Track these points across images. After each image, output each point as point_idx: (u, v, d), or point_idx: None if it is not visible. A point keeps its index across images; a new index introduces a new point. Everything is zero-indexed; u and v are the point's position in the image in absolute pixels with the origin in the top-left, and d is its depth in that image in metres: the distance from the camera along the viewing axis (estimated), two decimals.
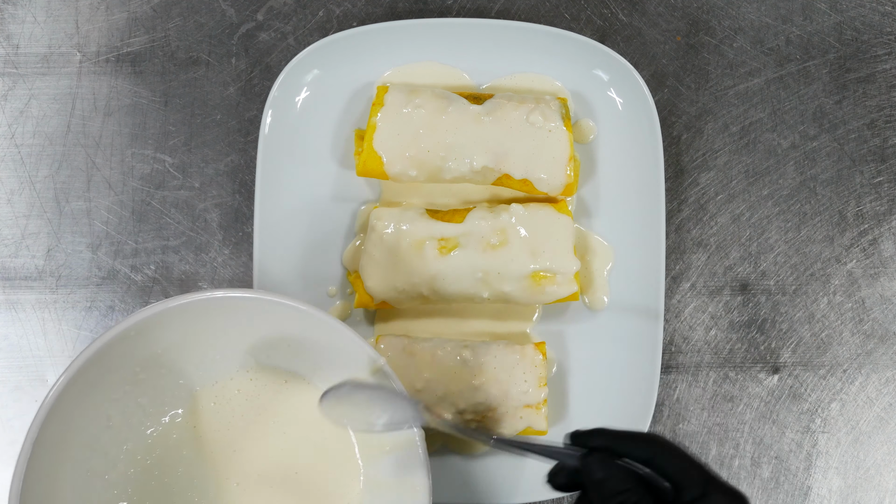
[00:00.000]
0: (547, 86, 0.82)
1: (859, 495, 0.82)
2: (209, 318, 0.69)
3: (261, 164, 0.80)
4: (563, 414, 0.80)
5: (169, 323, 0.68)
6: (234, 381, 0.74)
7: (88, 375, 0.66)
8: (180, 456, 0.73)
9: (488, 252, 0.77)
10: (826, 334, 0.83)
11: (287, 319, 0.69)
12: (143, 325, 0.67)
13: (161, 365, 0.71)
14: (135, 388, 0.71)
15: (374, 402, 0.66)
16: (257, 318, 0.69)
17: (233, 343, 0.72)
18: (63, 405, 0.65)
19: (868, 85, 0.85)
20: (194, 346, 0.71)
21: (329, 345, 0.69)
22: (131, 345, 0.68)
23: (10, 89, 0.84)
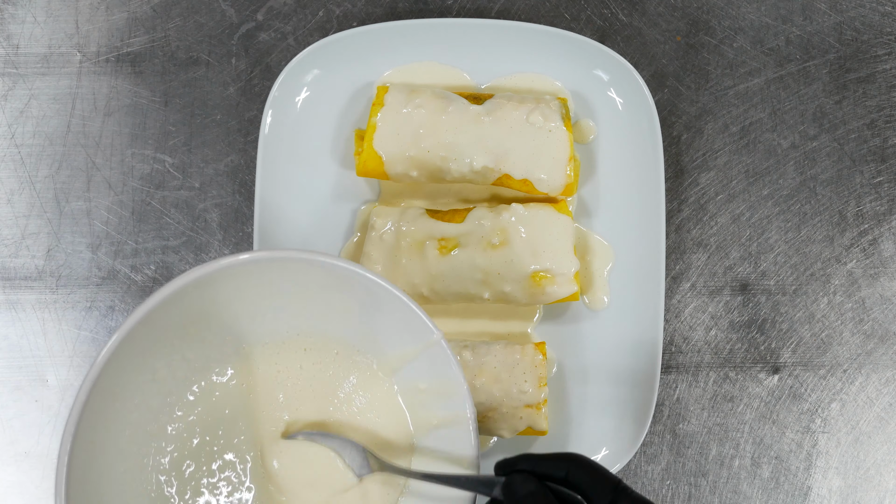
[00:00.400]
0: (547, 86, 0.82)
1: (859, 495, 0.82)
2: (265, 277, 0.68)
3: (261, 164, 0.80)
4: (563, 414, 0.80)
5: (227, 280, 0.67)
6: (287, 346, 0.73)
7: (140, 332, 0.65)
8: (222, 416, 0.72)
9: (488, 252, 0.77)
10: (826, 334, 0.83)
11: (349, 287, 0.68)
12: (202, 281, 0.65)
13: (211, 320, 0.70)
14: (183, 343, 0.70)
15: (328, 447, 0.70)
16: (317, 283, 0.68)
17: (289, 306, 0.71)
18: (114, 365, 0.64)
19: (868, 85, 0.85)
20: (248, 304, 0.70)
21: (389, 316, 0.68)
22: (187, 300, 0.66)
23: (10, 89, 0.84)
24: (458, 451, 0.68)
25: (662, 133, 0.82)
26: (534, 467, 0.61)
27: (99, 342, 0.83)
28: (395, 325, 0.69)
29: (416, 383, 0.71)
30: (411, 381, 0.71)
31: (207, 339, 0.71)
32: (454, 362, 0.67)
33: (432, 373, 0.69)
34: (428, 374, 0.69)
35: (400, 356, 0.71)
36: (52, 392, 0.83)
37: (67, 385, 0.83)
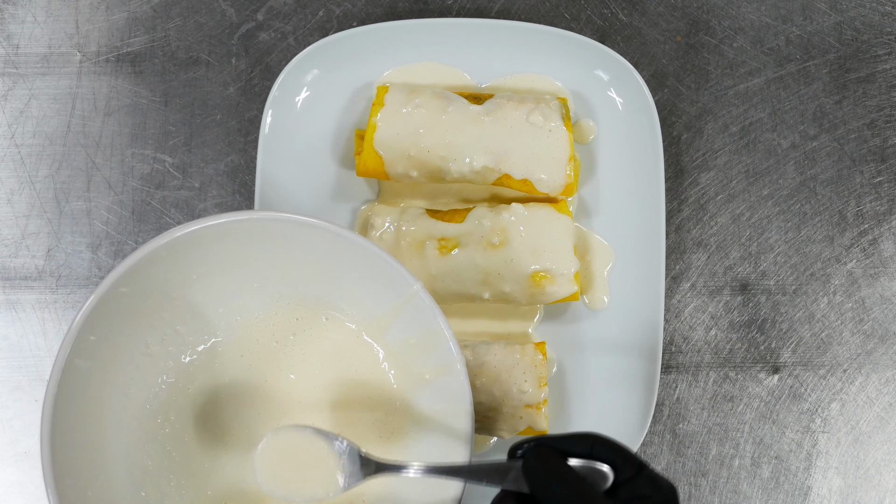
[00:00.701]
0: (547, 86, 0.82)
1: (859, 495, 0.82)
2: (242, 242, 0.68)
3: (261, 164, 0.80)
4: (564, 414, 0.80)
5: (201, 245, 0.66)
6: (276, 313, 0.73)
7: (121, 298, 0.65)
8: (223, 384, 0.72)
9: (488, 252, 0.77)
10: (826, 334, 0.83)
11: (323, 245, 0.67)
12: (173, 246, 0.65)
13: (198, 292, 0.70)
14: (172, 316, 0.70)
15: None
16: (294, 244, 0.68)
17: (271, 271, 0.71)
18: (95, 327, 0.64)
19: (868, 85, 0.85)
20: (232, 273, 0.70)
21: (366, 271, 0.68)
22: (164, 267, 0.66)
23: (10, 89, 0.84)
24: (452, 403, 0.67)
25: (662, 133, 0.82)
26: (556, 445, 0.59)
27: None
28: (377, 282, 0.69)
29: (406, 339, 0.71)
30: (400, 338, 0.71)
31: (198, 313, 0.71)
32: (436, 311, 0.67)
33: (417, 326, 0.69)
34: (414, 328, 0.69)
35: (387, 314, 0.71)
36: None
37: None
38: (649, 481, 0.58)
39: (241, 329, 0.73)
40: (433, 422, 0.70)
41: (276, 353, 0.73)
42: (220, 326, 0.73)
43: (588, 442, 0.59)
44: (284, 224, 0.66)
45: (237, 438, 0.72)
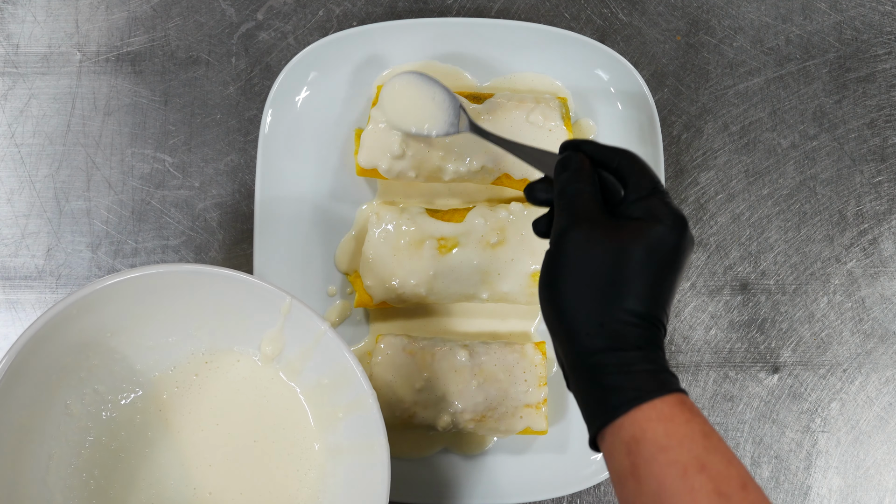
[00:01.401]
0: (547, 85, 0.82)
1: (859, 495, 0.82)
2: (149, 296, 0.69)
3: (261, 164, 0.80)
4: (563, 414, 0.80)
5: (109, 304, 0.68)
6: (190, 365, 0.74)
7: (35, 359, 0.66)
8: (145, 438, 0.73)
9: (488, 251, 0.77)
10: (826, 334, 0.83)
11: (230, 293, 0.69)
12: (82, 305, 0.66)
13: (113, 350, 0.71)
14: (90, 375, 0.71)
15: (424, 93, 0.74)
16: (199, 294, 0.70)
17: (179, 323, 0.72)
18: (10, 392, 0.65)
19: (868, 84, 0.85)
20: (141, 328, 0.71)
21: (247, 301, 0.70)
22: (75, 327, 0.67)
23: (10, 89, 0.84)
24: (368, 437, 0.68)
25: (662, 132, 0.82)
26: (592, 152, 0.62)
27: None
28: (289, 325, 0.70)
29: (319, 379, 0.72)
30: (314, 378, 0.72)
31: (115, 370, 0.72)
32: (345, 349, 0.68)
33: (328, 365, 0.70)
34: (326, 368, 0.70)
35: (299, 355, 0.72)
36: None
37: None
38: (660, 203, 0.58)
39: (160, 382, 0.74)
40: (350, 455, 0.71)
41: (197, 401, 0.74)
42: (139, 382, 0.73)
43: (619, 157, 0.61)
44: (182, 275, 0.68)
45: (162, 490, 0.73)
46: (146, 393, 0.74)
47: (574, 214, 0.58)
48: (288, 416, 0.74)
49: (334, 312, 0.81)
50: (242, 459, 0.73)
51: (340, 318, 0.81)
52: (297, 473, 0.73)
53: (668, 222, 0.57)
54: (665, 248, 0.57)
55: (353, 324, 0.81)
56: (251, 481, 0.73)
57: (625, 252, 0.56)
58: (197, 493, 0.73)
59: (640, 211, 0.58)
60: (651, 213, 0.58)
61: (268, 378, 0.74)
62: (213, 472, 0.73)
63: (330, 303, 0.81)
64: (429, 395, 0.76)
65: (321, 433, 0.73)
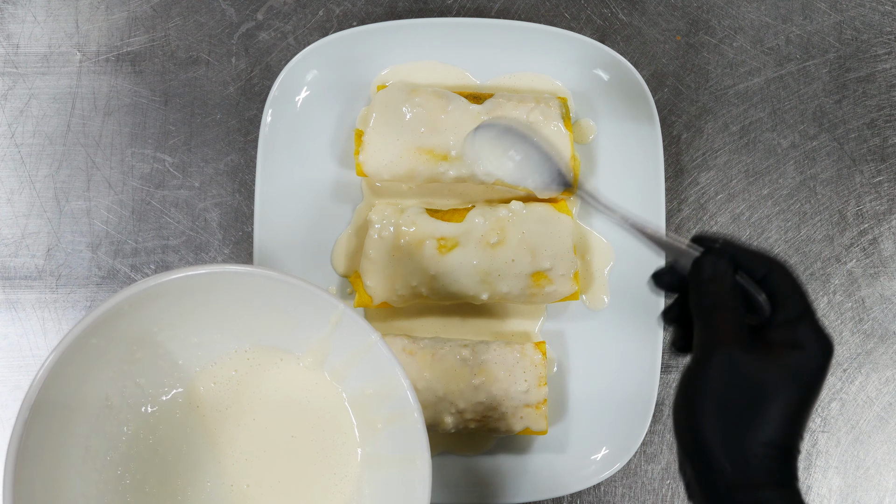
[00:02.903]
0: (547, 85, 0.82)
1: (859, 494, 0.82)
2: (201, 294, 0.69)
3: (261, 164, 0.80)
4: (563, 414, 0.80)
5: (159, 300, 0.67)
6: (232, 361, 0.74)
7: (83, 351, 0.66)
8: (183, 434, 0.73)
9: (488, 252, 0.77)
10: None
11: (282, 296, 0.69)
12: (134, 301, 0.66)
13: (158, 344, 0.71)
14: (132, 368, 0.71)
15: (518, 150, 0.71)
16: (252, 294, 0.69)
17: (225, 321, 0.72)
18: (57, 382, 0.65)
19: (868, 84, 0.85)
20: (188, 324, 0.71)
21: (298, 306, 0.69)
22: (125, 321, 0.67)
23: (10, 89, 0.84)
24: (409, 450, 0.67)
25: (662, 132, 0.82)
26: (734, 254, 0.58)
27: None
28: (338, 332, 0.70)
29: (363, 388, 0.71)
30: (357, 386, 0.72)
31: (159, 365, 0.72)
32: (394, 361, 0.67)
33: (375, 375, 0.69)
34: (371, 378, 0.70)
35: (345, 361, 0.71)
36: None
37: None
38: (809, 330, 0.55)
39: (202, 379, 0.73)
40: (390, 466, 0.70)
41: (236, 397, 0.73)
42: (180, 378, 0.73)
43: (766, 266, 0.57)
44: (241, 276, 0.68)
45: (198, 489, 0.72)
46: (187, 388, 0.73)
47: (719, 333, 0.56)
48: (329, 419, 0.73)
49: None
50: (279, 453, 0.72)
51: None
52: (333, 476, 0.72)
53: (819, 352, 0.55)
54: (812, 378, 0.55)
55: None
56: (287, 475, 0.72)
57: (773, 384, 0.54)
58: (234, 490, 0.72)
59: (789, 336, 0.56)
60: (801, 340, 0.56)
61: (311, 380, 0.73)
62: (249, 465, 0.72)
63: None
64: (429, 395, 0.76)
65: (361, 440, 0.73)
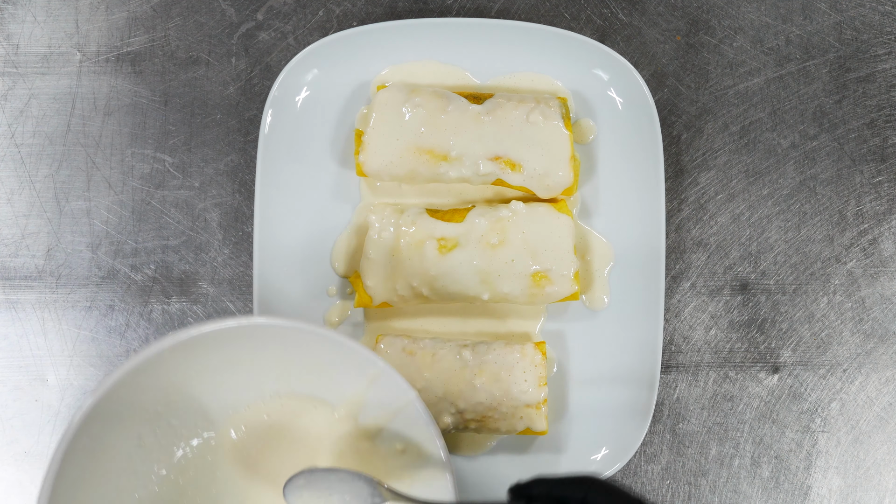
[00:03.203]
0: (547, 85, 0.82)
1: (859, 495, 0.82)
2: (241, 344, 0.69)
3: (261, 164, 0.80)
4: (563, 414, 0.80)
5: (200, 348, 0.68)
6: (266, 406, 0.74)
7: (120, 394, 0.66)
8: (213, 477, 0.73)
9: (488, 252, 0.77)
10: (826, 334, 0.83)
11: (321, 350, 0.69)
12: (176, 348, 0.67)
13: (193, 388, 0.71)
14: (167, 409, 0.71)
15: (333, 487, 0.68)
16: (291, 347, 0.70)
17: (262, 368, 0.72)
18: (92, 424, 0.65)
19: (868, 84, 0.85)
20: (225, 370, 0.71)
21: (336, 360, 0.69)
22: (165, 367, 0.68)
23: (9, 89, 0.84)
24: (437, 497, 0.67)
25: (662, 132, 0.82)
26: (550, 491, 0.59)
27: (99, 342, 0.83)
28: (375, 388, 0.70)
29: (395, 444, 0.71)
30: (388, 442, 0.72)
31: (193, 408, 0.72)
32: (429, 422, 0.67)
33: (409, 432, 0.69)
34: (405, 434, 0.70)
35: (380, 418, 0.71)
36: (51, 391, 0.83)
37: (67, 385, 0.83)
38: None
39: (234, 422, 0.73)
40: None
41: (269, 445, 0.73)
42: (213, 421, 0.73)
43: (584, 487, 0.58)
44: (282, 330, 0.68)
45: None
46: (219, 432, 0.73)
47: None
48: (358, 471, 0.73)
49: (334, 313, 0.81)
50: None
51: (340, 318, 0.81)
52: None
53: None
54: None
55: (352, 324, 0.81)
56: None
57: None
58: None
59: None
60: None
61: (343, 431, 0.73)
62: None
63: (330, 303, 0.81)
64: (429, 395, 0.76)
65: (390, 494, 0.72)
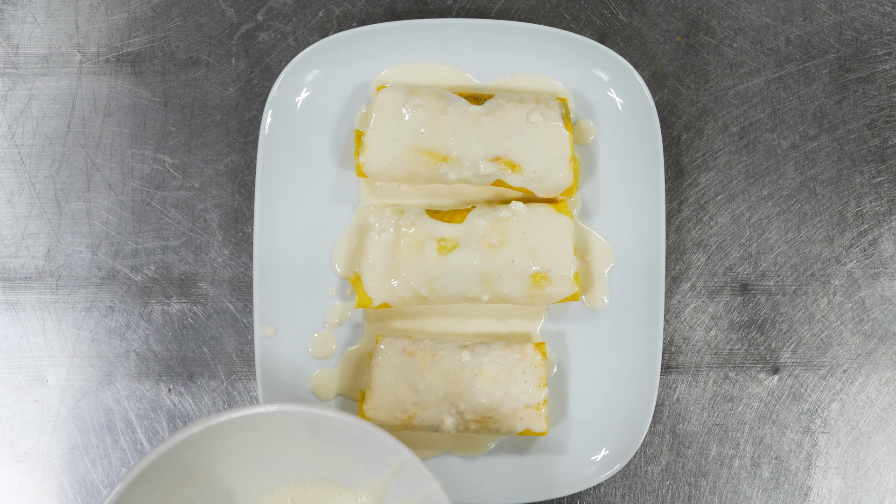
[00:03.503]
0: (547, 86, 0.82)
1: (859, 495, 0.82)
2: (261, 430, 0.70)
3: (261, 165, 0.80)
4: (564, 414, 0.80)
5: (226, 433, 0.68)
6: (290, 491, 0.74)
7: (148, 477, 0.66)
8: None
9: (488, 253, 0.77)
10: (826, 334, 0.83)
11: (342, 436, 0.69)
12: (203, 435, 0.67)
13: (218, 471, 0.71)
14: (191, 491, 0.71)
15: None
16: (304, 429, 0.70)
17: (287, 453, 0.72)
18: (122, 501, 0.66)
19: (868, 85, 0.85)
20: (249, 454, 0.71)
21: (360, 446, 0.70)
22: (191, 451, 0.68)
23: (10, 90, 0.84)
24: None
25: (662, 133, 0.82)
26: None
27: (99, 342, 0.83)
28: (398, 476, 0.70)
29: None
30: None
31: (218, 490, 0.72)
32: (428, 475, 0.67)
33: (413, 492, 0.69)
34: (410, 495, 0.70)
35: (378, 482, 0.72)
36: (51, 392, 0.83)
37: (67, 385, 0.83)
38: None
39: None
40: None
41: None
42: (237, 503, 0.73)
43: None
44: (308, 416, 0.68)
45: None
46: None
47: None
48: None
49: (334, 313, 0.81)
50: None
51: (340, 319, 0.81)
52: None
53: None
54: None
55: (353, 325, 0.81)
56: None
57: None
58: None
59: None
60: None
61: None
62: None
63: (330, 304, 0.81)
64: (429, 396, 0.76)
65: None
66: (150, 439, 0.83)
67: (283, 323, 0.80)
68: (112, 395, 0.83)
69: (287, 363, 0.80)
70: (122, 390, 0.83)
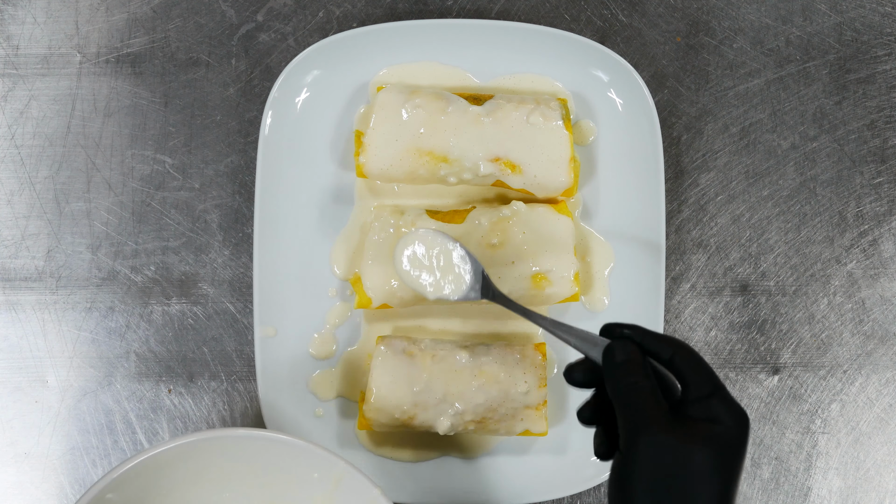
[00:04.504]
0: (547, 86, 0.82)
1: (859, 496, 0.82)
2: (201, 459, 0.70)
3: (261, 165, 0.80)
4: (564, 415, 0.80)
5: (164, 465, 0.69)
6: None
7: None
8: None
9: (488, 253, 0.77)
10: (826, 335, 0.83)
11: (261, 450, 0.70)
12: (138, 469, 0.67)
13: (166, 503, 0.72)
14: None
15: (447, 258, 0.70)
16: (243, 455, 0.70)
17: (232, 480, 0.72)
18: None
19: (868, 86, 0.85)
20: (196, 487, 0.72)
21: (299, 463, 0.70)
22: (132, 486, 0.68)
23: (9, 90, 0.84)
24: None
25: (662, 134, 0.82)
26: (641, 340, 0.62)
27: (99, 343, 0.83)
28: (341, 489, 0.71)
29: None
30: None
31: None
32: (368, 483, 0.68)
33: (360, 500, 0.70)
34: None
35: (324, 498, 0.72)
36: (51, 393, 0.83)
37: (67, 386, 0.83)
38: (722, 404, 0.59)
39: None
40: None
41: None
42: None
43: (671, 348, 0.61)
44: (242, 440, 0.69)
45: None
46: None
47: (640, 416, 0.59)
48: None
49: (334, 314, 0.81)
50: None
51: (340, 319, 0.81)
52: None
53: (735, 424, 0.59)
54: (733, 450, 0.58)
55: (352, 325, 0.81)
56: None
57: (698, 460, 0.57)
58: None
59: (704, 411, 0.59)
60: (716, 414, 0.59)
61: None
62: None
63: (330, 304, 0.81)
64: (429, 396, 0.76)
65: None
66: (150, 440, 0.83)
67: (283, 323, 0.80)
68: (112, 395, 0.83)
69: (287, 364, 0.80)
70: (122, 391, 0.83)
